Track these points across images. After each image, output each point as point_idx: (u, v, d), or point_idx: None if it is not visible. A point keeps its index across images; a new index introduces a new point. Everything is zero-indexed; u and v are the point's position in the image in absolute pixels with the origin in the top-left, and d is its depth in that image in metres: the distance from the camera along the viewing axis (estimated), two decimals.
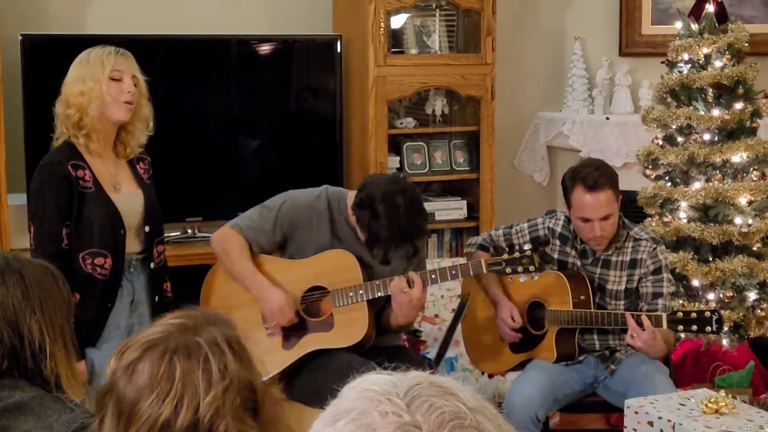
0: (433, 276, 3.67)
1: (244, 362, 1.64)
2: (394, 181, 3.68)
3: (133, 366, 1.61)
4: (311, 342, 3.73)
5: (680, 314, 3.62)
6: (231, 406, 1.59)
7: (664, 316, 3.61)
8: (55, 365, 2.15)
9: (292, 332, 3.75)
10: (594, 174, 3.74)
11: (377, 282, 3.67)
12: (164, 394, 1.58)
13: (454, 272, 3.70)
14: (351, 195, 3.73)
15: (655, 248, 3.86)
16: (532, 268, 3.68)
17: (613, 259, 3.88)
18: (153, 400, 1.58)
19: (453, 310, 4.53)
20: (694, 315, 3.58)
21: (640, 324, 3.61)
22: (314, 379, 3.62)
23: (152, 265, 3.57)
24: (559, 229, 3.97)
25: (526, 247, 3.76)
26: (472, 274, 3.82)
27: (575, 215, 3.80)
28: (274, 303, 3.69)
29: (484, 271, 3.72)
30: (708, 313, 3.58)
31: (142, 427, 1.57)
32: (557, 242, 3.97)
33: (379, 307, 3.80)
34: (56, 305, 2.20)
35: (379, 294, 3.67)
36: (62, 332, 2.20)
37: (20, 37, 4.63)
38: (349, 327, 3.69)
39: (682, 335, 4.69)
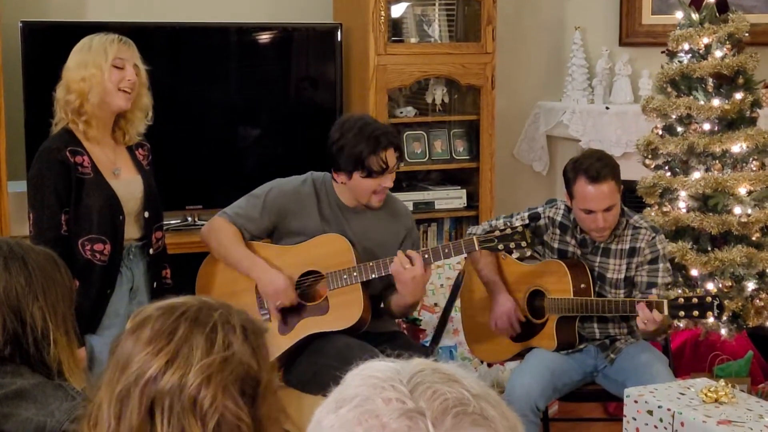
0: (426, 255, 3.66)
1: (254, 352, 1.60)
2: (338, 120, 3.88)
3: (144, 324, 1.59)
4: (307, 326, 3.74)
5: (681, 300, 3.62)
6: (223, 380, 1.54)
7: (666, 302, 3.61)
8: (57, 352, 2.15)
9: (288, 317, 3.76)
10: (596, 165, 3.73)
11: (371, 263, 3.68)
12: (158, 350, 1.55)
13: (447, 250, 3.70)
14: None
15: (653, 237, 3.86)
16: (524, 243, 3.66)
17: (613, 247, 3.88)
18: (147, 352, 1.55)
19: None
20: (695, 300, 3.59)
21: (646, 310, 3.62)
22: (312, 364, 3.63)
23: (151, 251, 3.58)
24: (559, 219, 3.96)
25: (518, 223, 3.75)
26: (465, 252, 3.81)
27: (577, 206, 3.80)
28: (274, 284, 3.70)
29: (477, 248, 3.71)
30: (709, 299, 3.58)
31: (130, 377, 1.54)
32: (557, 231, 3.97)
33: (378, 290, 3.81)
34: (59, 292, 2.20)
35: (373, 276, 3.68)
36: (64, 319, 2.20)
37: (20, 25, 4.62)
38: (344, 309, 3.71)
39: (682, 324, 4.70)
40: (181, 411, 1.52)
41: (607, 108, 5.72)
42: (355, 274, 3.68)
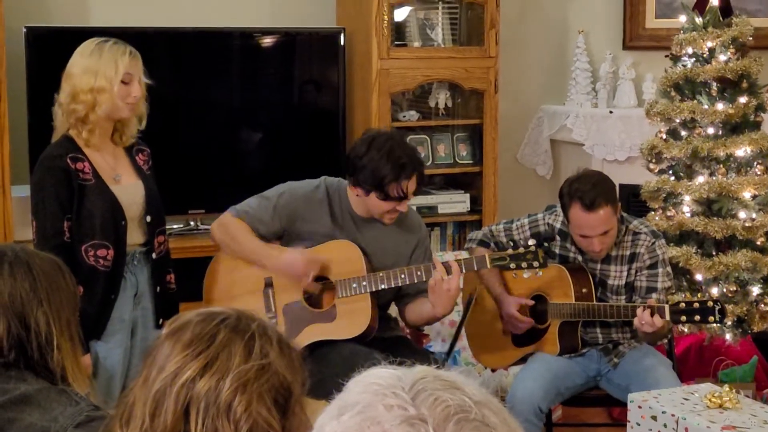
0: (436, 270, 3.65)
1: (289, 364, 1.62)
2: (367, 134, 3.75)
3: (183, 328, 1.61)
4: (314, 333, 3.72)
5: (683, 305, 3.62)
6: (259, 388, 1.56)
7: (667, 307, 3.61)
8: (61, 357, 2.16)
9: (294, 323, 3.75)
10: (591, 193, 3.67)
11: (381, 273, 3.66)
12: (198, 353, 1.57)
13: (458, 266, 3.69)
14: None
15: (653, 243, 3.85)
16: (536, 263, 3.66)
17: (613, 254, 3.87)
18: (186, 355, 1.57)
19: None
20: (696, 305, 3.59)
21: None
22: (317, 372, 3.61)
23: (153, 255, 3.58)
24: (558, 225, 3.95)
25: (531, 242, 3.74)
26: (476, 269, 3.81)
27: (573, 231, 3.80)
28: (295, 262, 3.66)
29: (488, 266, 3.71)
30: (710, 303, 3.57)
31: (167, 377, 1.56)
32: (557, 238, 3.96)
33: (386, 299, 3.80)
34: (63, 298, 2.20)
35: (383, 286, 3.65)
36: (68, 325, 2.20)
37: (24, 30, 4.64)
38: (351, 318, 3.68)
39: (686, 328, 4.70)
40: (215, 414, 1.54)
41: (611, 112, 5.73)
42: (364, 283, 3.66)
